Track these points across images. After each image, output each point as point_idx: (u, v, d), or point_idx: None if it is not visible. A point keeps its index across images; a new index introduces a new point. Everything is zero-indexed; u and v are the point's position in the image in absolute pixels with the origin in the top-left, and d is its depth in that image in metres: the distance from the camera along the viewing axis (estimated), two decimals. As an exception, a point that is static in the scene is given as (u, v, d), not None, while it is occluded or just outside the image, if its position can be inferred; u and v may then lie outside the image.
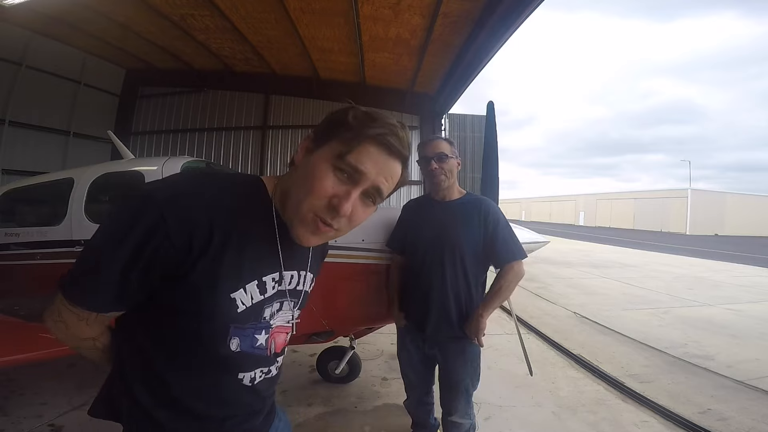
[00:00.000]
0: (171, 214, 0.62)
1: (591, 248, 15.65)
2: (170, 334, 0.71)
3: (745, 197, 36.58)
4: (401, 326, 2.01)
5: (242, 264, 0.70)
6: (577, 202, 51.50)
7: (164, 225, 0.62)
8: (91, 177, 2.84)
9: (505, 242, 1.78)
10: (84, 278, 0.67)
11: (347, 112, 0.70)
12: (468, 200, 1.87)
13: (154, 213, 0.62)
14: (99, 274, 0.64)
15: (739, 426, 2.59)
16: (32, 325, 2.15)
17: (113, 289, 0.64)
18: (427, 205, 1.94)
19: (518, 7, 4.25)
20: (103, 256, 0.64)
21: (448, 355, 1.85)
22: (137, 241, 0.62)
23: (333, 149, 0.68)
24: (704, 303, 6.21)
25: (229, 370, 0.75)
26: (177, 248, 0.63)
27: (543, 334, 4.43)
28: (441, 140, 1.89)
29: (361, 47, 6.46)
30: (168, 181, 0.70)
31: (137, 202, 0.64)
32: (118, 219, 0.65)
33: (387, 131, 0.68)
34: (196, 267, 0.65)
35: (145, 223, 0.62)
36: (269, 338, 0.78)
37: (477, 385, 1.88)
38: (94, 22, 6.41)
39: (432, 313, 1.82)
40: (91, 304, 0.68)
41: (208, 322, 0.69)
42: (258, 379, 0.79)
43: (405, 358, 2.04)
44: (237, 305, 0.70)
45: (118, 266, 0.62)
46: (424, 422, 2.17)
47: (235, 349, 0.72)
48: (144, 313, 0.70)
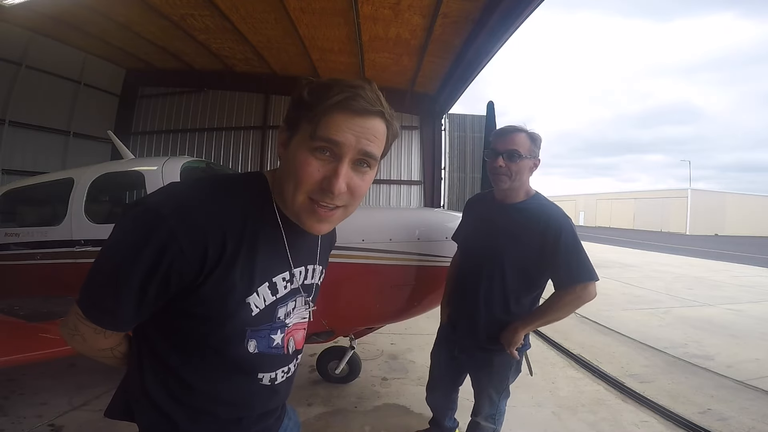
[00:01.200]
0: (181, 230, 0.61)
1: (591, 248, 15.51)
2: (187, 339, 0.71)
3: (745, 197, 36.57)
4: (443, 321, 1.95)
5: (254, 268, 0.69)
6: (577, 202, 51.49)
7: (176, 242, 0.61)
8: (91, 177, 2.84)
9: (568, 260, 1.52)
10: (101, 299, 0.66)
11: (302, 90, 0.66)
12: (531, 206, 1.60)
13: (164, 231, 0.61)
14: (116, 295, 0.64)
15: (739, 426, 2.59)
16: (32, 325, 2.16)
17: (131, 308, 0.64)
18: (487, 204, 1.74)
19: (518, 7, 4.25)
20: (118, 278, 0.63)
21: (474, 364, 1.80)
22: (151, 260, 0.61)
23: (304, 132, 0.66)
24: (704, 303, 6.21)
25: (247, 372, 0.75)
26: (192, 263, 0.62)
27: (543, 334, 4.43)
28: (519, 133, 1.57)
29: (361, 47, 6.46)
30: (172, 194, 0.67)
31: (145, 219, 0.62)
32: (129, 238, 0.63)
33: (348, 94, 0.63)
34: (211, 276, 0.64)
35: (156, 242, 0.60)
36: (285, 337, 0.78)
37: (507, 395, 1.79)
38: (94, 22, 6.40)
39: (463, 318, 1.77)
40: (110, 325, 0.68)
41: (225, 327, 0.69)
42: (279, 380, 0.80)
43: (435, 353, 2.01)
44: (251, 309, 0.70)
45: (135, 287, 0.62)
46: (440, 421, 2.15)
47: (252, 350, 0.72)
48: (161, 320, 0.70)
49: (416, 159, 8.92)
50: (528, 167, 1.59)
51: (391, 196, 8.91)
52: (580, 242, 1.55)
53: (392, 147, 0.75)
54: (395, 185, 8.92)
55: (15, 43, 6.59)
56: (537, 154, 1.60)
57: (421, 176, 8.90)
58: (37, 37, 6.79)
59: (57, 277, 2.73)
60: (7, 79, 6.66)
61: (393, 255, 2.22)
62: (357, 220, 2.47)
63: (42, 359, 1.85)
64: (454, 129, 9.24)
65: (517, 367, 1.76)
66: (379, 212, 3.28)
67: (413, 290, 2.27)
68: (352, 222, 2.72)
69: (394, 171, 8.91)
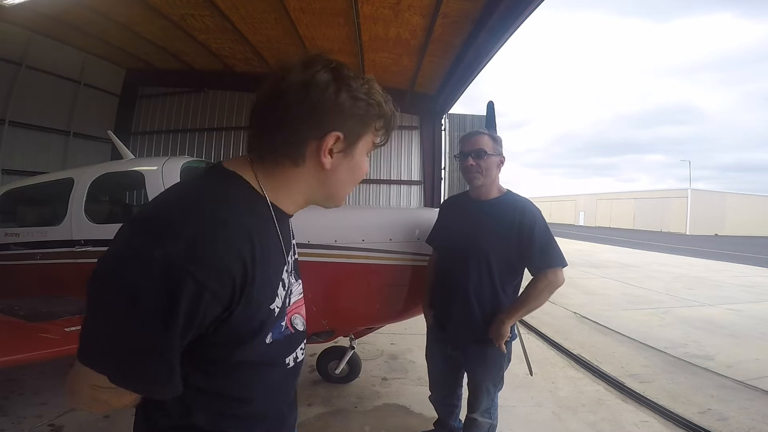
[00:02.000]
0: (209, 276, 0.56)
1: (591, 248, 15.65)
2: (223, 361, 0.67)
3: (745, 197, 36.58)
4: (428, 324, 2.01)
5: (270, 275, 0.69)
6: (577, 202, 51.49)
7: (208, 290, 0.56)
8: (91, 177, 2.84)
9: (541, 248, 1.67)
10: (139, 369, 0.59)
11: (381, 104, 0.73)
12: (505, 200, 1.76)
13: (192, 284, 0.55)
14: (164, 363, 0.58)
15: (739, 426, 2.59)
16: (32, 325, 2.16)
17: (175, 368, 0.60)
18: (463, 203, 1.88)
19: (518, 7, 4.25)
20: (158, 347, 0.57)
21: (469, 358, 1.84)
22: (187, 318, 0.56)
23: (368, 142, 0.74)
24: (704, 303, 6.22)
25: (274, 362, 0.74)
26: (224, 300, 0.59)
27: (543, 334, 4.43)
28: (482, 135, 1.77)
29: (361, 47, 6.46)
30: (175, 234, 0.57)
31: (162, 276, 0.54)
32: (151, 301, 0.54)
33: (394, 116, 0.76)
34: (240, 303, 0.62)
35: (188, 298, 0.55)
36: (287, 317, 0.77)
37: (501, 387, 1.85)
38: (94, 22, 6.40)
39: (453, 315, 1.80)
40: (153, 393, 0.64)
41: (256, 339, 0.68)
42: (300, 357, 0.81)
43: (429, 355, 2.06)
44: (274, 311, 0.70)
45: (174, 347, 0.58)
46: (445, 422, 2.16)
47: (269, 341, 0.71)
48: (188, 354, 0.63)
49: (416, 159, 8.91)
50: (495, 164, 1.75)
51: (391, 196, 8.90)
52: (551, 232, 1.72)
53: (392, 147, 0.79)
54: (395, 185, 8.91)
55: (15, 43, 6.58)
56: (501, 152, 1.78)
57: (421, 176, 8.89)
58: (37, 37, 6.78)
59: (57, 277, 2.73)
60: (7, 79, 6.65)
61: (393, 255, 2.22)
62: (357, 220, 2.49)
63: (42, 359, 1.85)
64: (454, 129, 9.24)
65: (508, 357, 1.83)
66: (379, 212, 3.28)
67: (413, 290, 2.27)
68: (352, 222, 2.73)
69: (394, 171, 8.91)
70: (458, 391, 2.10)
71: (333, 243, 2.22)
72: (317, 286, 2.21)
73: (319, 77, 0.67)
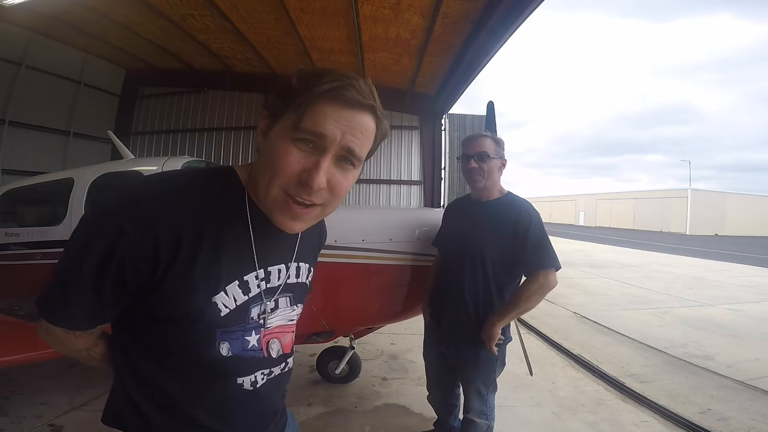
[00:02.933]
0: (129, 223, 0.59)
1: (591, 248, 15.64)
2: (158, 343, 0.68)
3: (745, 197, 36.59)
4: (426, 321, 2.04)
5: (220, 265, 0.65)
6: (577, 202, 51.50)
7: (125, 236, 0.59)
8: (91, 177, 2.85)
9: (534, 249, 1.66)
10: (55, 299, 0.64)
11: (291, 77, 0.63)
12: (503, 202, 1.77)
13: (112, 225, 0.59)
14: (68, 294, 0.62)
15: (739, 426, 2.59)
16: (32, 325, 2.15)
17: (86, 307, 0.63)
18: (465, 205, 1.91)
19: (518, 7, 4.25)
20: (69, 277, 0.62)
21: (461, 358, 1.84)
22: (100, 256, 0.59)
23: (287, 121, 0.61)
24: (704, 303, 6.21)
25: (225, 375, 0.71)
26: (145, 257, 0.60)
27: (543, 334, 4.43)
28: (485, 138, 1.77)
29: (361, 47, 6.46)
30: (127, 188, 0.64)
31: (94, 215, 0.62)
32: (79, 236, 0.62)
33: (340, 84, 0.60)
34: (168, 275, 0.61)
35: (104, 237, 0.59)
36: (263, 339, 0.74)
37: (494, 389, 1.85)
38: (94, 22, 6.40)
39: (447, 314, 1.82)
40: (66, 324, 0.66)
41: (192, 329, 0.66)
42: (260, 382, 0.75)
43: (426, 353, 2.08)
44: (219, 309, 0.66)
45: (87, 284, 0.60)
46: (444, 421, 2.17)
47: (226, 353, 0.68)
48: (129, 322, 0.68)
49: (416, 159, 8.91)
50: (497, 166, 1.77)
51: (391, 196, 8.90)
52: (546, 233, 1.71)
53: (392, 147, 0.74)
54: (395, 185, 8.91)
55: (15, 43, 6.59)
56: (503, 155, 1.79)
57: (421, 176, 8.89)
58: (37, 37, 6.79)
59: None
60: (7, 79, 6.66)
61: (393, 255, 2.22)
62: (357, 220, 2.49)
63: (42, 359, 1.85)
64: (454, 129, 9.24)
65: (502, 361, 1.83)
66: (379, 212, 3.28)
67: (413, 290, 2.27)
68: (352, 222, 2.73)
69: (394, 171, 8.91)
70: (456, 391, 2.10)
71: (333, 243, 2.22)
72: (317, 286, 2.21)
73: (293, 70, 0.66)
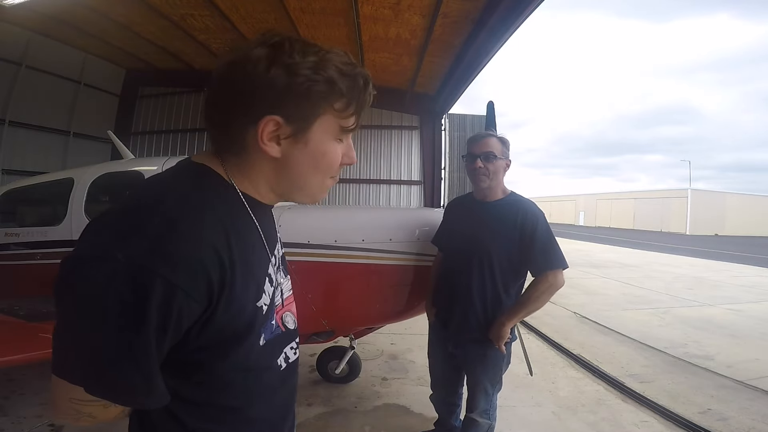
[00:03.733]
0: (179, 276, 0.52)
1: (591, 248, 15.65)
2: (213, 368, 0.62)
3: (745, 197, 36.58)
4: (430, 322, 2.03)
5: (253, 269, 0.64)
6: (577, 202, 51.51)
7: (179, 289, 0.52)
8: (91, 177, 2.85)
9: (542, 250, 1.68)
10: (120, 379, 0.54)
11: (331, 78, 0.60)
12: (508, 202, 1.78)
13: (161, 285, 0.50)
14: (140, 369, 0.53)
15: (739, 426, 2.59)
16: (32, 325, 2.15)
17: (153, 376, 0.55)
18: (468, 204, 1.91)
19: (518, 7, 4.25)
20: (133, 351, 0.52)
21: (468, 357, 1.85)
22: (160, 321, 0.51)
23: (330, 125, 0.63)
24: (704, 303, 6.22)
25: (267, 364, 0.69)
26: (200, 300, 0.55)
27: (543, 334, 4.43)
28: (491, 138, 1.77)
29: (361, 47, 6.46)
30: (138, 232, 0.53)
31: (129, 279, 0.50)
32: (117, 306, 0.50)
33: (371, 90, 0.65)
34: (221, 301, 0.57)
35: (158, 300, 0.50)
36: (276, 316, 0.72)
37: (499, 388, 1.86)
38: (94, 22, 6.40)
39: (455, 314, 1.82)
40: (134, 402, 0.59)
41: (246, 341, 0.63)
42: (292, 357, 0.75)
43: (431, 353, 2.08)
44: (262, 310, 0.65)
45: (150, 352, 0.53)
46: (445, 421, 2.17)
47: (262, 343, 0.67)
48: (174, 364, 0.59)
49: (416, 159, 8.91)
50: (502, 167, 1.77)
51: (391, 196, 8.90)
52: (552, 233, 1.73)
53: (392, 147, 0.76)
54: (395, 185, 8.91)
55: (15, 43, 6.58)
56: (508, 155, 1.79)
57: (421, 176, 8.89)
58: (37, 37, 6.78)
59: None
60: (7, 79, 6.65)
61: (393, 255, 2.22)
62: (357, 220, 2.48)
63: (42, 359, 1.85)
64: (454, 129, 9.24)
65: (507, 359, 1.84)
66: (379, 212, 3.28)
67: (413, 290, 2.27)
68: (352, 222, 2.73)
69: (394, 171, 8.91)
70: (459, 391, 2.11)
71: (333, 243, 2.22)
72: (317, 286, 2.21)
73: (252, 53, 0.58)
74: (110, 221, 0.57)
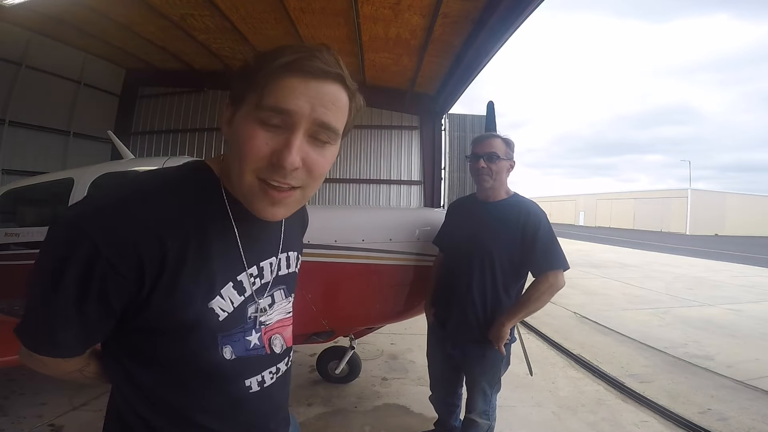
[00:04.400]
0: (105, 242, 0.53)
1: (591, 248, 15.65)
2: (156, 354, 0.63)
3: (745, 197, 36.59)
4: (429, 322, 2.03)
5: (211, 268, 0.62)
6: (577, 202, 51.51)
7: (102, 258, 0.53)
8: (91, 177, 2.85)
9: (543, 250, 1.68)
10: (36, 327, 0.59)
11: (247, 59, 0.60)
12: (510, 202, 1.78)
13: (86, 247, 0.52)
14: (48, 322, 0.57)
15: (739, 426, 2.59)
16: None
17: (73, 332, 0.58)
18: (470, 205, 1.90)
19: (518, 7, 4.25)
20: (47, 302, 0.56)
21: (467, 358, 1.84)
22: (79, 281, 0.53)
23: (249, 103, 0.57)
24: (704, 303, 6.21)
25: (231, 379, 0.68)
26: (128, 276, 0.55)
27: (543, 334, 4.43)
28: (496, 139, 1.77)
29: (361, 47, 6.46)
30: (94, 200, 0.59)
31: (62, 235, 0.54)
32: (49, 260, 0.55)
33: (301, 55, 0.56)
34: (158, 286, 0.57)
35: (79, 260, 0.53)
36: (263, 336, 0.71)
37: (498, 389, 1.86)
38: (94, 22, 6.40)
39: (454, 314, 1.82)
40: (56, 353, 0.61)
41: (191, 338, 0.62)
42: (268, 382, 0.72)
43: (430, 354, 2.08)
44: (217, 314, 0.63)
45: (70, 311, 0.55)
46: (444, 421, 2.17)
47: (229, 357, 0.65)
48: (122, 337, 0.63)
49: (416, 159, 8.91)
50: (506, 168, 1.77)
51: (391, 196, 8.90)
52: (554, 234, 1.73)
53: (392, 147, 0.70)
54: (395, 185, 8.92)
55: (15, 43, 6.59)
56: (512, 156, 1.79)
57: (421, 176, 8.89)
58: (37, 37, 6.79)
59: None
60: (7, 79, 6.65)
61: (393, 255, 2.22)
62: (357, 220, 2.48)
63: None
64: (454, 129, 9.24)
65: (506, 360, 1.84)
66: (379, 212, 3.28)
67: (413, 290, 2.27)
68: (352, 222, 2.74)
69: (394, 171, 8.91)
70: (458, 391, 2.11)
71: (333, 243, 2.22)
72: (317, 286, 2.21)
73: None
74: (88, 195, 0.63)
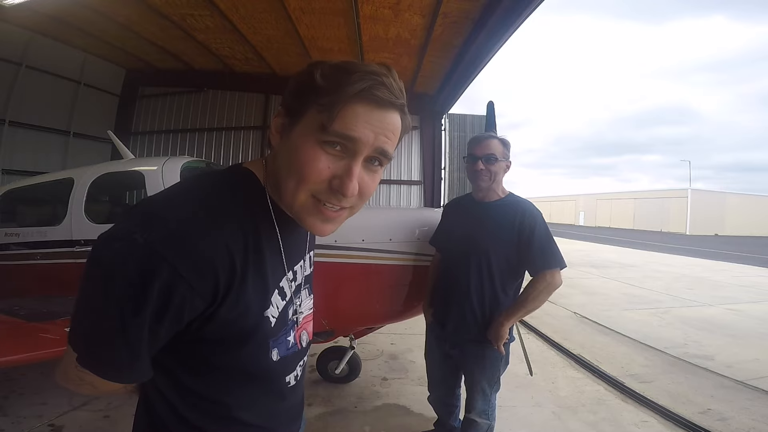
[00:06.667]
0: (186, 265, 0.53)
1: (591, 248, 15.65)
2: (208, 362, 0.64)
3: (745, 197, 36.59)
4: (428, 322, 2.04)
5: (265, 277, 0.64)
6: (577, 202, 51.50)
7: (183, 280, 0.53)
8: (91, 177, 2.84)
9: (540, 250, 1.69)
10: (109, 356, 0.56)
11: (313, 73, 0.58)
12: (506, 202, 1.80)
13: (166, 271, 0.52)
14: (128, 351, 0.55)
15: (739, 426, 2.59)
16: (32, 325, 2.16)
17: (146, 354, 0.57)
18: (466, 205, 1.92)
19: (518, 7, 4.25)
20: (125, 333, 0.53)
21: (466, 357, 1.85)
22: (158, 307, 0.53)
23: (312, 122, 0.57)
24: (704, 303, 6.22)
25: (277, 379, 0.72)
26: (205, 296, 0.55)
27: (543, 334, 4.43)
28: (493, 140, 1.78)
29: (361, 47, 6.46)
30: (157, 218, 0.56)
31: (136, 259, 0.52)
32: (123, 285, 0.52)
33: (371, 82, 0.56)
34: (226, 301, 0.58)
35: (160, 286, 0.52)
36: (296, 333, 0.75)
37: (497, 388, 1.86)
38: (94, 22, 6.40)
39: (452, 314, 1.82)
40: (127, 378, 0.60)
41: (246, 345, 0.64)
42: (300, 374, 0.78)
43: (428, 354, 2.08)
44: (270, 321, 0.66)
45: (146, 336, 0.54)
46: (444, 422, 2.17)
47: (276, 358, 0.69)
48: (173, 347, 0.61)
49: (416, 159, 8.91)
50: (503, 168, 1.80)
51: (391, 196, 8.90)
52: (551, 233, 1.75)
53: None
54: (395, 185, 8.91)
55: (15, 43, 6.58)
56: (509, 157, 1.81)
57: (421, 176, 8.89)
58: (37, 37, 6.78)
59: (57, 277, 2.73)
60: (7, 79, 6.64)
61: (393, 255, 2.22)
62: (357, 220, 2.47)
63: (42, 359, 1.85)
64: (454, 129, 9.24)
65: (506, 360, 1.84)
66: (379, 212, 3.28)
67: (413, 290, 2.27)
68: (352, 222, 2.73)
69: (394, 171, 8.91)
70: (457, 391, 2.11)
71: (333, 243, 2.22)
72: (317, 286, 2.20)
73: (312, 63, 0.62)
74: (141, 209, 0.59)
